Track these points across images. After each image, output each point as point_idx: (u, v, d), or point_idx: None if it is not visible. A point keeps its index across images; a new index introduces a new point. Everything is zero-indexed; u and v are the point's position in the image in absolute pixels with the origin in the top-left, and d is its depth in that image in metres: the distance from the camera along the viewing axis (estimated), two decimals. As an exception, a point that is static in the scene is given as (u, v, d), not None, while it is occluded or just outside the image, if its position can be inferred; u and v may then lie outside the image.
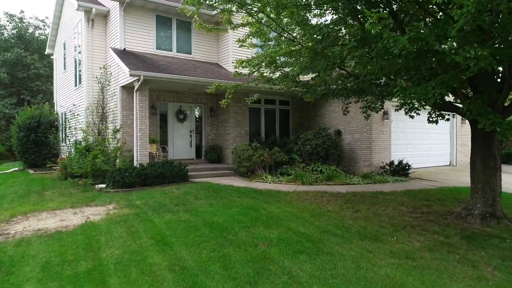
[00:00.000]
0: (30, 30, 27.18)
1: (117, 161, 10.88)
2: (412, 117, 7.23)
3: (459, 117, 16.27)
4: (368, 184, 10.66)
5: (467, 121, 17.19)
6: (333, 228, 6.07)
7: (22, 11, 28.08)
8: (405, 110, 7.33)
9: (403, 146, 14.07)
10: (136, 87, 10.61)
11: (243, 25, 7.77)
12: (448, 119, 7.25)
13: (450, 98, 7.27)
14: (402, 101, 5.72)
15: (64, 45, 16.38)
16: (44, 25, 28.91)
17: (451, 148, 16.34)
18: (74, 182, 11.20)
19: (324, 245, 5.28)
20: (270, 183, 10.61)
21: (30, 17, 35.26)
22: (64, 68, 16.48)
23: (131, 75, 10.08)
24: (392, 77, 6.09)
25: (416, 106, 6.88)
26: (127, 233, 5.77)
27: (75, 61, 14.39)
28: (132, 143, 11.26)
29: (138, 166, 10.31)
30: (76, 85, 14.39)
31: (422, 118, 15.58)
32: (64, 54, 16.42)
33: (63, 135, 15.96)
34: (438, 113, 7.21)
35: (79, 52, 13.72)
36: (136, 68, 10.38)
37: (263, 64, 7.76)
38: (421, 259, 4.91)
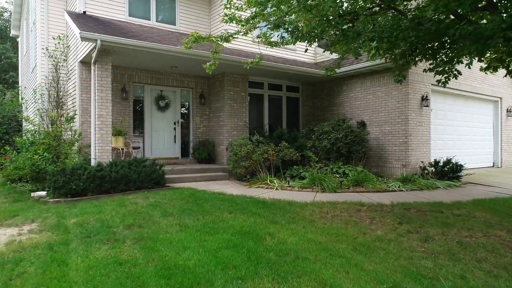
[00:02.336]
0: (5, 15, 24.33)
1: (67, 159, 7.98)
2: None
3: (504, 107, 13.38)
4: (412, 190, 7.75)
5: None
6: (406, 280, 3.15)
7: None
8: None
9: (442, 142, 11.15)
10: (93, 58, 7.75)
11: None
12: None
13: None
14: None
15: (26, 22, 13.57)
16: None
17: (494, 146, 13.42)
18: (13, 188, 8.36)
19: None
20: (277, 189, 7.71)
21: (6, 1, 32.23)
22: (26, 50, 13.67)
23: (83, 38, 7.22)
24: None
25: None
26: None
27: (32, 37, 11.56)
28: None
29: (94, 165, 7.42)
30: (32, 67, 11.56)
31: (464, 108, 12.72)
32: (26, 33, 13.60)
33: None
34: None
35: (34, 23, 10.90)
36: (92, 30, 7.53)
37: (269, 4, 4.87)
38: None
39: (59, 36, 9.29)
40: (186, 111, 11.01)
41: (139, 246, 3.94)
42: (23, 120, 9.79)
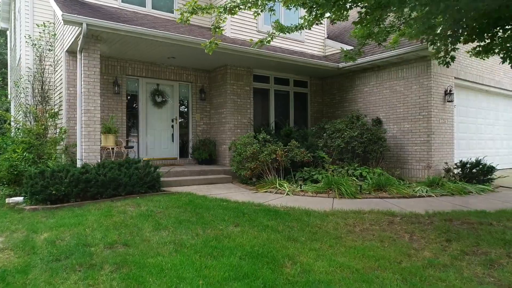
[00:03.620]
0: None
1: (50, 160, 7.05)
2: None
3: (527, 104, 12.42)
4: (442, 196, 6.82)
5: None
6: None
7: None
8: None
9: (464, 142, 10.21)
10: (79, 45, 6.82)
11: None
12: None
13: None
14: None
15: (14, 12, 12.63)
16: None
17: (517, 145, 12.47)
18: (-10, 193, 7.43)
19: None
20: (288, 194, 6.77)
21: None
22: (14, 43, 12.74)
23: (65, 21, 6.28)
24: None
25: None
26: None
27: (17, 26, 10.63)
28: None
29: (79, 167, 6.48)
30: (17, 60, 10.63)
31: (486, 105, 11.73)
32: (14, 25, 12.67)
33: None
34: None
35: (19, 12, 9.97)
36: (78, 14, 6.60)
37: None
38: None
39: (43, 23, 8.35)
40: (185, 108, 10.06)
41: (119, 275, 3.00)
42: (10, 118, 8.87)
